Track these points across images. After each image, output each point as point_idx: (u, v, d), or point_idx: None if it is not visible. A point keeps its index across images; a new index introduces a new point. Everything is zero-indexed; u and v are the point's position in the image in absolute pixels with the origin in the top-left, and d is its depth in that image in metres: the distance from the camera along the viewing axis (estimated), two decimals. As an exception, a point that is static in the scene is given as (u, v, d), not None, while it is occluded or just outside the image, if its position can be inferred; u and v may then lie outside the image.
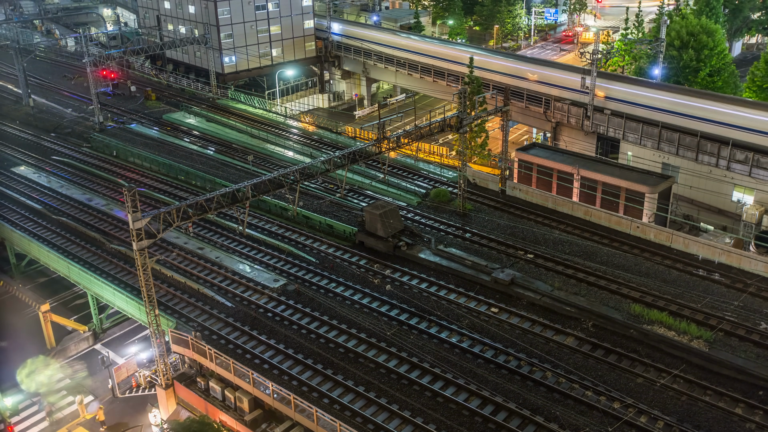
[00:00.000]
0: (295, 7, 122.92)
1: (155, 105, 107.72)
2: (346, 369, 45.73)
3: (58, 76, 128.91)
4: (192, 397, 47.94)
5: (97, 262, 62.07)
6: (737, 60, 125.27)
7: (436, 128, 60.85)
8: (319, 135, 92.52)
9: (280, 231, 65.24)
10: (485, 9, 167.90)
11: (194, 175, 76.98)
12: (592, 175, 65.92)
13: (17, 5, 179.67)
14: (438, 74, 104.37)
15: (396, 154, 79.91)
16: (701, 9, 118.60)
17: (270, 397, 43.65)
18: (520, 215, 66.27)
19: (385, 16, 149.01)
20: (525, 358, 45.57)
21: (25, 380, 58.47)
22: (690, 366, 44.32)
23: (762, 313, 49.22)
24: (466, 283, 54.73)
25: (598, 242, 60.59)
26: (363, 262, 58.98)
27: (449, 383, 43.84)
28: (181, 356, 49.75)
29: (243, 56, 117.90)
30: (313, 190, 72.35)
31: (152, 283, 45.41)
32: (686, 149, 73.12)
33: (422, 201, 69.57)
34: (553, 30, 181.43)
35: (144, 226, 42.99)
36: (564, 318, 49.75)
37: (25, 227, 68.96)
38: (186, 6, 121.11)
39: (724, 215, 71.27)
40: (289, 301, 53.37)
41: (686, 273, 55.15)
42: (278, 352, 47.90)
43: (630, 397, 41.65)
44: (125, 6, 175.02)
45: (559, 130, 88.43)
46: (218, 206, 47.24)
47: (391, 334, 48.78)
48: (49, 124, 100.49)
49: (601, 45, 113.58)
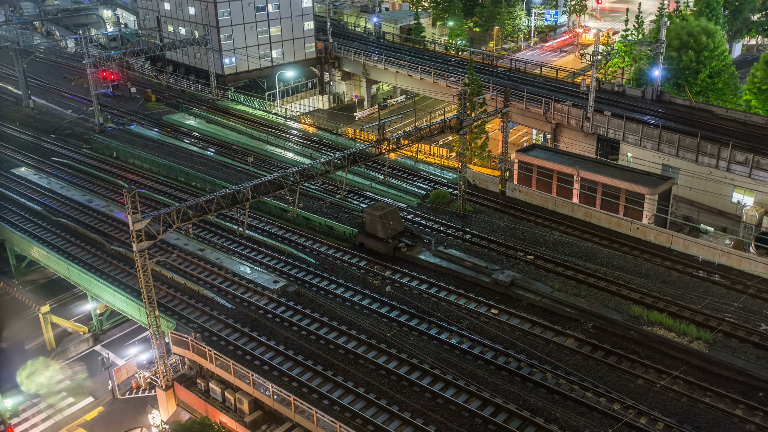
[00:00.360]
0: (295, 8, 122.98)
1: (155, 106, 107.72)
2: (346, 370, 45.72)
3: (58, 77, 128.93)
4: (192, 398, 47.94)
5: (97, 264, 62.05)
6: (737, 61, 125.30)
7: (436, 129, 60.87)
8: (319, 136, 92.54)
9: (280, 232, 65.25)
10: (485, 10, 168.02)
11: (194, 176, 76.98)
12: (592, 177, 65.94)
13: (17, 6, 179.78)
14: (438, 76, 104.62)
15: (396, 155, 79.93)
16: (701, 10, 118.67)
17: (270, 398, 43.64)
18: (520, 216, 66.27)
19: (385, 17, 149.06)
20: (525, 360, 45.58)
21: (25, 381, 58.55)
22: (690, 367, 44.32)
23: (762, 314, 49.21)
24: (466, 284, 54.73)
25: (598, 243, 60.59)
26: (363, 263, 58.98)
27: (449, 384, 43.84)
28: (181, 357, 49.75)
29: (243, 57, 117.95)
30: (313, 191, 72.35)
31: (152, 284, 45.41)
32: (686, 150, 73.18)
33: (422, 202, 69.57)
34: (553, 31, 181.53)
35: (144, 227, 43.00)
36: (564, 319, 49.75)
37: (25, 228, 68.95)
38: (186, 7, 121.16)
39: (724, 217, 71.32)
40: (289, 303, 53.37)
41: (686, 274, 55.15)
42: (278, 353, 47.90)
43: (630, 398, 41.64)
44: (125, 7, 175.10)
45: (559, 131, 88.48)
46: (218, 207, 47.23)
47: (392, 335, 48.79)
48: (49, 125, 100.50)
49: (601, 46, 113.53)
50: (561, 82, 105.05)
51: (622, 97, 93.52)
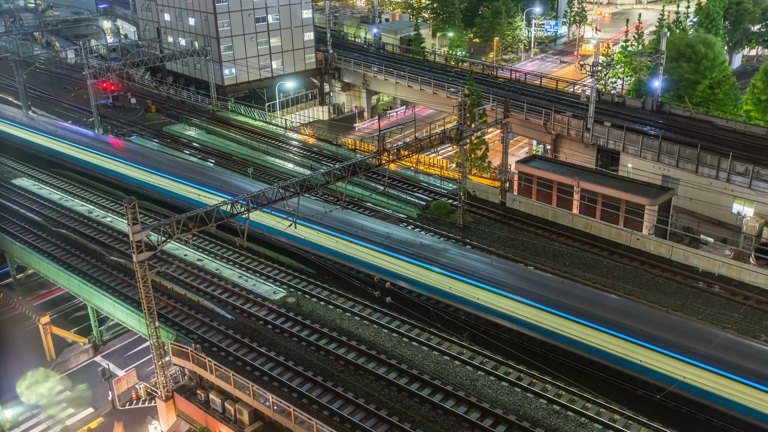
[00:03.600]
0: (295, 19, 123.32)
1: (155, 117, 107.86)
2: (346, 381, 45.67)
3: (58, 88, 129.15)
4: (192, 409, 47.86)
5: (97, 275, 62.01)
6: (737, 72, 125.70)
7: (436, 140, 60.93)
8: (319, 147, 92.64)
9: (280, 243, 65.13)
10: (485, 21, 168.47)
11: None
12: (592, 187, 66.03)
13: (17, 17, 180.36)
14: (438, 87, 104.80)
15: (396, 166, 80.00)
16: (701, 21, 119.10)
17: (270, 409, 43.59)
18: (520, 227, 66.28)
19: (385, 28, 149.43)
20: (525, 371, 45.52)
21: (25, 392, 58.46)
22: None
23: (762, 325, 49.19)
24: (466, 295, 54.65)
25: (598, 254, 60.60)
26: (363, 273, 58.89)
27: (449, 395, 43.77)
28: (181, 368, 49.69)
29: (243, 68, 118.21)
30: (314, 202, 72.25)
31: (152, 295, 45.38)
32: (686, 161, 73.28)
33: (422, 213, 69.59)
34: (553, 42, 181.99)
35: (144, 238, 43.02)
36: (564, 330, 49.66)
37: (26, 239, 68.92)
38: (186, 18, 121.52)
39: (725, 227, 71.35)
40: (289, 313, 53.32)
41: (686, 285, 55.15)
42: (278, 364, 47.84)
43: (630, 410, 41.57)
44: (125, 18, 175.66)
45: (559, 142, 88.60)
46: (218, 218, 47.24)
47: (392, 346, 48.74)
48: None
49: (601, 57, 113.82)
50: (561, 93, 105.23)
51: (622, 108, 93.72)
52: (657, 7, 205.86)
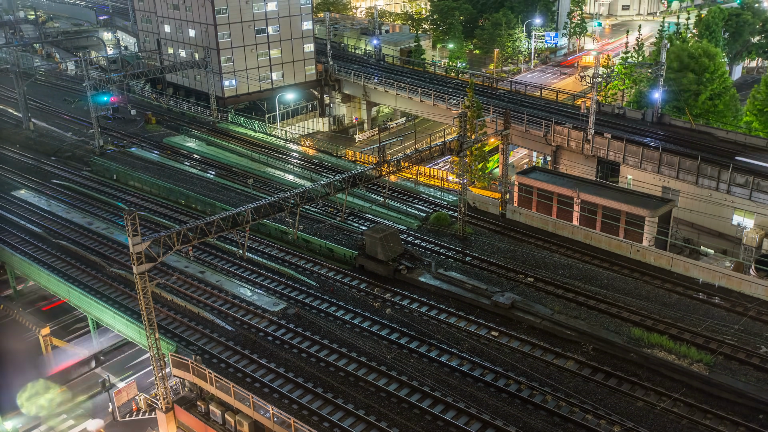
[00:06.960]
0: (295, 30, 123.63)
1: (155, 129, 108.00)
2: (346, 393, 45.62)
3: (59, 99, 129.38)
4: (192, 420, 47.80)
5: (97, 286, 62.01)
6: (737, 83, 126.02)
7: (436, 152, 61.03)
8: (319, 159, 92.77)
9: (281, 255, 65.25)
10: (485, 32, 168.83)
11: (194, 198, 77.08)
12: (592, 199, 66.08)
13: (17, 29, 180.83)
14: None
15: (396, 177, 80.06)
16: (701, 32, 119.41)
17: (270, 420, 43.51)
18: (520, 239, 66.27)
19: (385, 39, 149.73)
20: (525, 382, 45.46)
21: (25, 404, 58.38)
22: (690, 389, 44.19)
23: (762, 336, 49.13)
24: (466, 306, 54.67)
25: (598, 266, 60.56)
26: (363, 285, 58.93)
27: (449, 407, 43.71)
28: (182, 380, 49.64)
29: (243, 80, 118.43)
30: (314, 213, 72.40)
31: (152, 306, 45.40)
32: (686, 173, 73.36)
33: (422, 224, 69.62)
34: (554, 53, 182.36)
35: (144, 249, 43.05)
36: (564, 341, 49.65)
37: (26, 251, 68.94)
38: (186, 30, 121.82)
39: (725, 239, 71.38)
40: (289, 325, 53.31)
41: (686, 297, 55.09)
42: (278, 375, 47.80)
43: (630, 420, 41.48)
44: (125, 30, 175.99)
45: (560, 153, 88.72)
46: (218, 230, 47.29)
47: (392, 357, 48.71)
48: (50, 147, 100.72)
49: (601, 69, 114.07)
50: (561, 105, 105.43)
51: (622, 120, 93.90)
52: (657, 18, 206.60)
